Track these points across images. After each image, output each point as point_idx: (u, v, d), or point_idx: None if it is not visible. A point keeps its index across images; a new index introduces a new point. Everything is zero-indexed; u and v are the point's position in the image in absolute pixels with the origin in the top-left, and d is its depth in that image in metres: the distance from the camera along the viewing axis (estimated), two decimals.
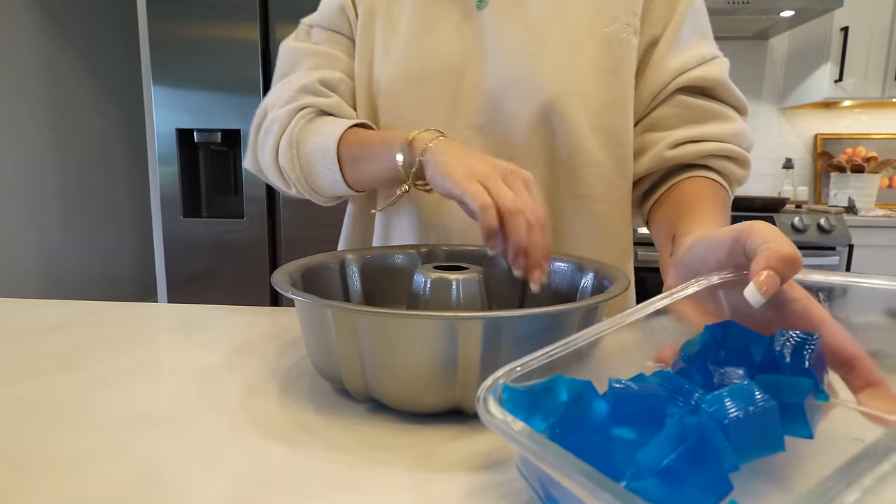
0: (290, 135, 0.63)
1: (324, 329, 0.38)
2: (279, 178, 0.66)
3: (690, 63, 0.61)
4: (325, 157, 0.61)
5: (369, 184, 0.62)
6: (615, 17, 0.61)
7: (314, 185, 0.64)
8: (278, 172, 0.66)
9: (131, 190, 3.31)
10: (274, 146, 0.65)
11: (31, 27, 2.55)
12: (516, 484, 0.31)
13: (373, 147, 0.59)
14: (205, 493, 0.30)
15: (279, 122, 0.64)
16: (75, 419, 0.38)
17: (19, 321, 0.61)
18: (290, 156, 0.63)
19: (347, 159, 0.60)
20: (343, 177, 0.61)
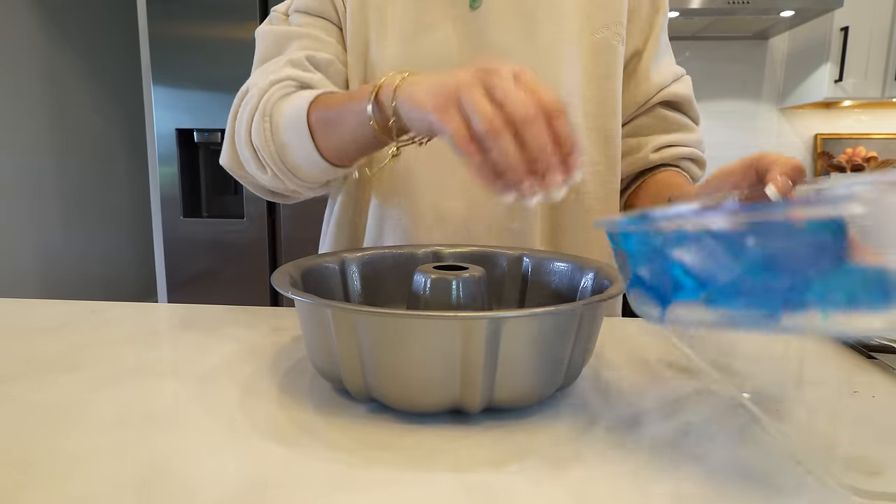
0: (263, 108, 0.57)
1: (324, 329, 0.38)
2: (254, 160, 0.59)
3: (668, 80, 0.71)
4: (296, 128, 0.54)
5: (347, 151, 0.54)
6: (605, 26, 0.66)
7: (289, 163, 0.57)
8: (252, 153, 0.59)
9: (131, 190, 3.31)
10: (248, 122, 0.58)
11: (31, 27, 2.55)
12: (516, 484, 0.31)
13: (341, 106, 0.52)
14: (205, 492, 0.30)
15: (256, 96, 0.58)
16: (75, 419, 0.38)
17: (19, 321, 0.61)
18: (263, 130, 0.56)
19: (319, 127, 0.54)
20: (317, 148, 0.54)
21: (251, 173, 0.62)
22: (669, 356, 0.52)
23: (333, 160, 0.55)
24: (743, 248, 0.28)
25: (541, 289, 0.55)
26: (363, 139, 0.50)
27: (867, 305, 0.25)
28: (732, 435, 0.37)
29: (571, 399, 0.42)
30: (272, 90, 0.58)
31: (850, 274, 0.25)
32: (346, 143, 0.52)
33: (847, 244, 0.25)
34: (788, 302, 0.27)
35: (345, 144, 0.53)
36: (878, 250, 0.24)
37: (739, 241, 0.28)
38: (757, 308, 0.28)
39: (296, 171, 0.57)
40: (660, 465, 0.33)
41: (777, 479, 0.32)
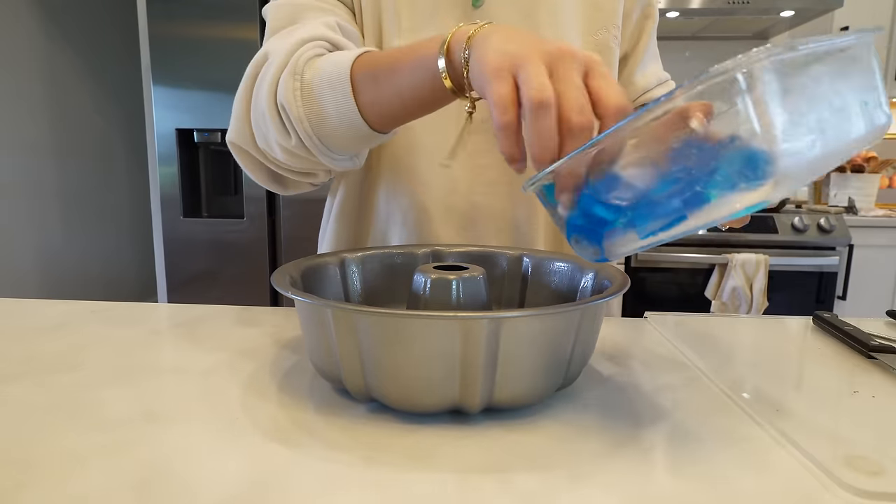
0: (294, 65, 0.52)
1: (324, 329, 0.38)
2: (277, 125, 0.53)
3: (651, 83, 0.73)
4: (336, 85, 0.49)
5: (396, 111, 0.49)
6: (604, 27, 0.67)
7: (320, 126, 0.51)
8: (276, 116, 0.53)
9: (131, 190, 3.31)
10: (272, 83, 0.53)
11: (31, 27, 2.55)
12: (516, 484, 0.31)
13: (395, 61, 0.48)
14: (205, 492, 0.30)
15: (282, 55, 0.53)
16: (75, 419, 0.38)
17: (19, 321, 0.61)
18: (293, 88, 0.51)
19: (365, 83, 0.49)
20: (358, 106, 0.49)
21: (263, 148, 0.56)
22: (669, 356, 0.52)
23: (374, 121, 0.50)
24: (633, 167, 0.31)
25: (541, 289, 0.55)
26: (422, 96, 0.46)
27: (744, 182, 0.28)
28: (732, 435, 0.37)
29: (571, 399, 0.42)
30: (304, 48, 0.53)
31: (723, 158, 0.28)
32: (399, 101, 0.48)
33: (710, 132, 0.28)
34: (688, 201, 0.30)
35: (397, 102, 0.48)
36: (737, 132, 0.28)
37: (627, 162, 0.32)
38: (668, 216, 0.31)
39: (326, 135, 0.52)
40: (659, 465, 0.33)
41: (777, 479, 0.32)
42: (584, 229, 0.36)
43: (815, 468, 0.33)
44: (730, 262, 1.90)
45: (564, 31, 0.65)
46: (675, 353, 0.53)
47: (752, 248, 1.95)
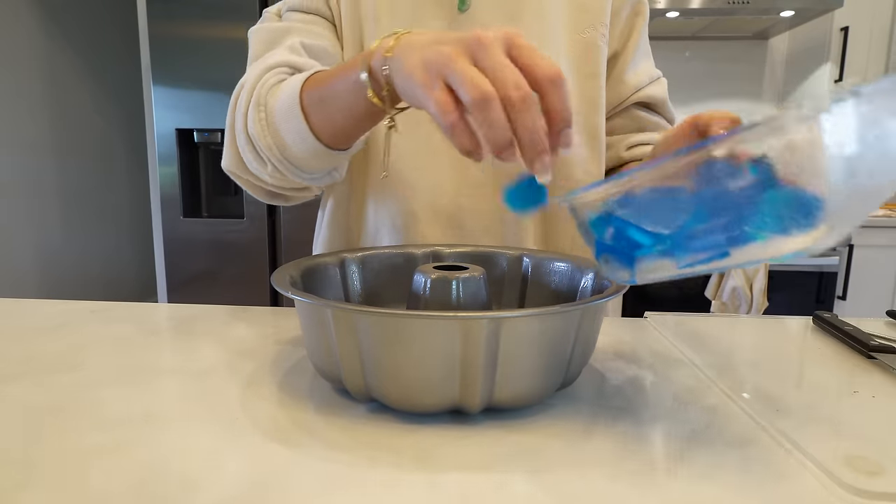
0: (258, 96, 0.54)
1: (324, 329, 0.38)
2: (253, 154, 0.56)
3: (644, 81, 0.73)
4: (290, 111, 0.51)
5: (342, 129, 0.51)
6: (591, 26, 0.68)
7: (287, 152, 0.54)
8: (251, 147, 0.56)
9: (131, 190, 3.31)
10: (244, 114, 0.56)
11: (31, 27, 2.55)
12: (516, 484, 0.31)
13: (332, 80, 0.49)
14: (205, 492, 0.30)
15: (249, 86, 0.56)
16: (75, 419, 0.38)
17: (19, 321, 0.61)
18: (258, 119, 0.54)
19: (312, 105, 0.51)
20: (311, 129, 0.51)
21: (253, 172, 0.59)
22: (669, 356, 0.52)
23: (329, 141, 0.52)
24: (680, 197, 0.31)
25: (541, 289, 0.55)
26: (358, 112, 0.47)
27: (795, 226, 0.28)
28: (732, 435, 0.37)
29: (571, 399, 0.42)
30: (266, 77, 0.55)
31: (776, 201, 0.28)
32: (342, 118, 0.49)
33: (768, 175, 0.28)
34: (732, 238, 0.30)
35: (341, 120, 0.50)
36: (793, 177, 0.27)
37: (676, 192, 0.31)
38: (708, 250, 0.31)
39: (294, 160, 0.54)
40: (660, 465, 0.33)
41: (778, 479, 0.32)
42: (616, 250, 0.35)
43: (814, 468, 0.33)
44: None
45: (550, 31, 0.66)
46: (675, 353, 0.53)
47: None
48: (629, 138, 0.74)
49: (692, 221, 0.31)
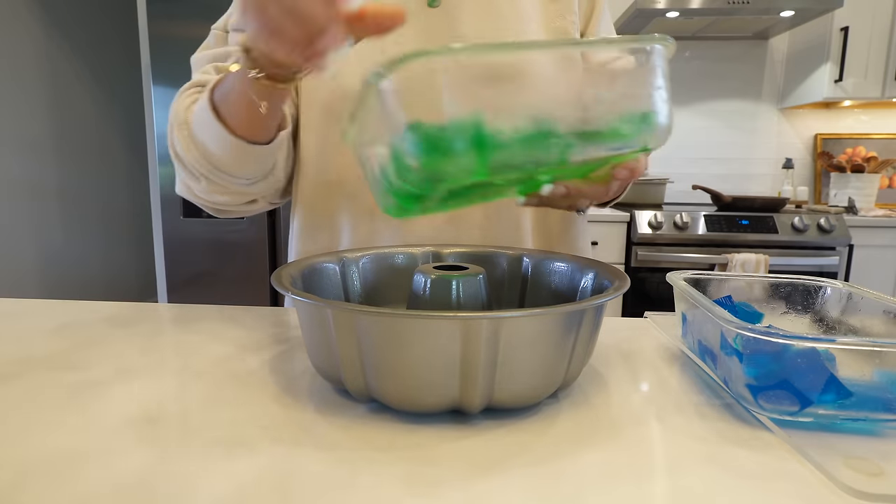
0: (176, 116, 0.57)
1: (324, 329, 0.38)
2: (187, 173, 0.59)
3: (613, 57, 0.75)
4: (205, 118, 0.54)
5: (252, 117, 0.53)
6: (561, 14, 0.69)
7: (213, 160, 0.56)
8: (183, 166, 0.59)
9: (131, 190, 3.31)
10: (170, 138, 0.58)
11: (31, 27, 2.55)
12: (516, 484, 0.31)
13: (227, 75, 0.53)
14: (204, 493, 0.30)
15: (170, 114, 0.59)
16: (75, 419, 0.38)
17: (19, 321, 0.61)
18: (183, 138, 0.56)
19: (221, 105, 0.53)
20: (226, 127, 0.53)
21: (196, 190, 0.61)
22: (670, 356, 0.52)
23: (247, 134, 0.54)
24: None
25: (541, 289, 0.55)
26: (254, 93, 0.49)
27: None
28: (732, 436, 0.37)
29: (571, 399, 0.42)
30: (181, 99, 0.59)
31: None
32: (246, 107, 0.51)
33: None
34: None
35: (245, 110, 0.51)
36: None
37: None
38: (881, 411, 0.37)
39: (223, 166, 0.56)
40: (660, 465, 0.33)
41: (777, 480, 0.32)
42: (791, 389, 0.38)
43: (814, 469, 0.33)
44: (730, 262, 1.90)
45: (526, 23, 0.67)
46: (676, 353, 0.53)
47: (752, 248, 1.96)
48: None
49: (873, 388, 0.37)
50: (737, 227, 1.97)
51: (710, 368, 0.47)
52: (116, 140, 3.17)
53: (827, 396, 0.37)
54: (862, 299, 0.48)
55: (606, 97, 0.37)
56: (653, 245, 1.96)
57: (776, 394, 0.38)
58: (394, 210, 0.39)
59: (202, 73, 0.63)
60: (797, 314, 0.52)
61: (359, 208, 0.67)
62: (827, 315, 0.51)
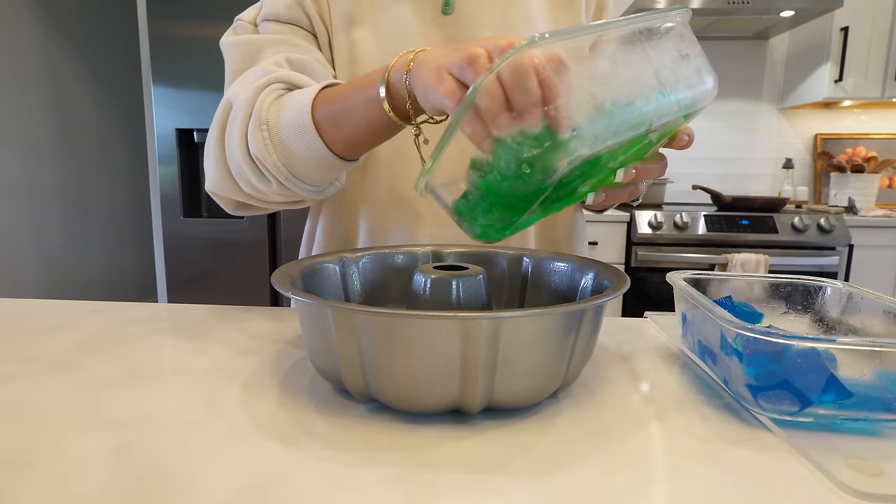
0: (257, 115, 0.54)
1: (324, 329, 0.38)
2: (255, 174, 0.56)
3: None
4: (301, 128, 0.52)
5: (359, 141, 0.52)
6: (569, 21, 0.70)
7: (295, 167, 0.54)
8: (253, 166, 0.56)
9: (131, 190, 3.31)
10: (241, 135, 0.55)
11: (31, 27, 2.55)
12: (516, 484, 0.31)
13: (349, 96, 0.51)
14: (205, 493, 0.30)
15: (243, 107, 0.55)
16: (75, 419, 0.38)
17: (19, 321, 0.61)
18: (262, 139, 0.54)
19: (326, 121, 0.52)
20: (326, 144, 0.52)
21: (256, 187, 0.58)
22: (670, 356, 0.52)
23: (344, 154, 0.53)
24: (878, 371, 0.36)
25: (541, 289, 0.55)
26: (378, 125, 0.49)
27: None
28: (733, 436, 0.37)
29: (571, 399, 0.42)
30: (262, 96, 0.55)
31: None
32: (361, 132, 0.51)
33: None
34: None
35: (359, 134, 0.51)
36: None
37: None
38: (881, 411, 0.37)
39: (303, 174, 0.55)
40: (660, 465, 0.33)
41: (777, 480, 0.32)
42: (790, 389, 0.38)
43: (815, 470, 0.33)
44: (730, 262, 1.90)
45: (536, 30, 0.68)
46: (676, 353, 0.53)
47: (752, 248, 1.95)
48: None
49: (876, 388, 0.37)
50: (737, 227, 1.97)
51: (710, 368, 0.47)
52: (117, 140, 3.17)
53: (827, 396, 0.37)
54: (862, 299, 0.48)
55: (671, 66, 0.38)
56: (653, 245, 1.96)
57: (776, 394, 0.38)
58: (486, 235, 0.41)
59: (275, 66, 0.59)
60: (797, 314, 0.52)
61: (375, 208, 0.68)
62: (827, 315, 0.51)
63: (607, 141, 0.34)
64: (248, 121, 0.55)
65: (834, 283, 0.51)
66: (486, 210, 0.38)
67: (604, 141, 0.33)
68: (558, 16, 0.70)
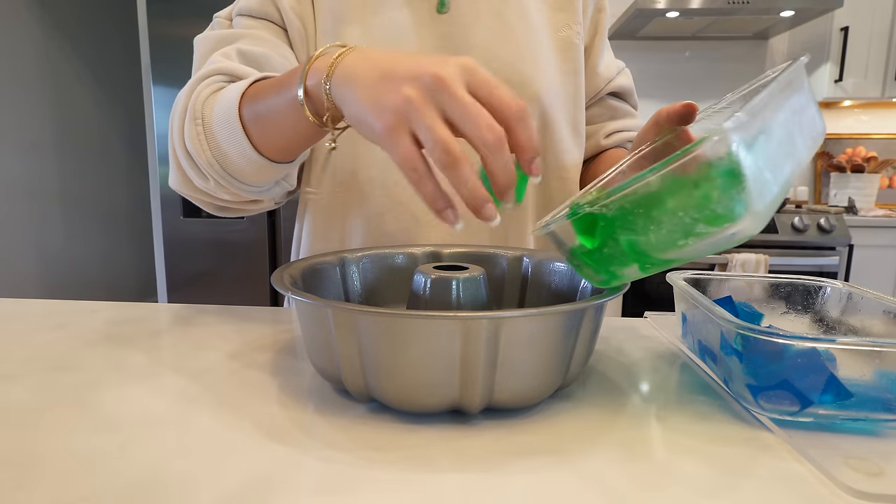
0: (193, 108, 0.51)
1: (324, 329, 0.38)
2: (193, 169, 0.53)
3: (613, 73, 0.77)
4: (228, 126, 0.48)
5: (285, 146, 0.49)
6: (567, 24, 0.70)
7: (229, 167, 0.51)
8: (190, 161, 0.52)
9: (131, 190, 3.31)
10: (179, 128, 0.52)
11: (31, 27, 2.55)
12: (516, 484, 0.31)
13: (270, 94, 0.46)
14: (205, 493, 0.30)
15: (182, 98, 0.52)
16: (75, 419, 0.38)
17: (19, 321, 0.61)
18: (196, 133, 0.50)
19: (251, 121, 0.48)
20: (252, 145, 0.48)
21: (199, 188, 0.56)
22: (670, 356, 0.52)
23: (272, 155, 0.50)
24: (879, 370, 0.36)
25: (541, 289, 0.55)
26: (299, 129, 0.45)
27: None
28: (733, 436, 0.37)
29: (572, 399, 0.42)
30: (199, 88, 0.52)
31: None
32: (282, 135, 0.47)
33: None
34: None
35: (281, 138, 0.47)
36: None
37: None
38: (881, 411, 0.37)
39: (238, 174, 0.51)
40: (660, 465, 0.33)
41: (777, 480, 0.32)
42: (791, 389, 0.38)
43: (814, 469, 0.33)
44: (730, 262, 1.90)
45: (534, 32, 0.68)
46: (676, 353, 0.53)
47: (752, 248, 1.96)
48: (606, 126, 0.78)
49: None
50: None
51: (710, 368, 0.47)
52: (117, 140, 3.17)
53: (827, 396, 0.37)
54: (862, 299, 0.48)
55: (801, 122, 0.39)
56: None
57: (776, 394, 0.38)
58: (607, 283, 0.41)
59: (223, 58, 0.57)
60: (797, 314, 0.52)
61: (370, 210, 0.67)
62: (827, 315, 0.51)
63: (768, 215, 0.34)
64: (185, 113, 0.52)
65: (834, 283, 0.51)
66: (621, 263, 0.38)
67: (766, 217, 0.33)
68: (556, 17, 0.70)
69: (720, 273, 0.56)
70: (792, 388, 0.37)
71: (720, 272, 0.60)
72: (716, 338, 0.43)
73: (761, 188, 0.32)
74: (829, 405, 0.37)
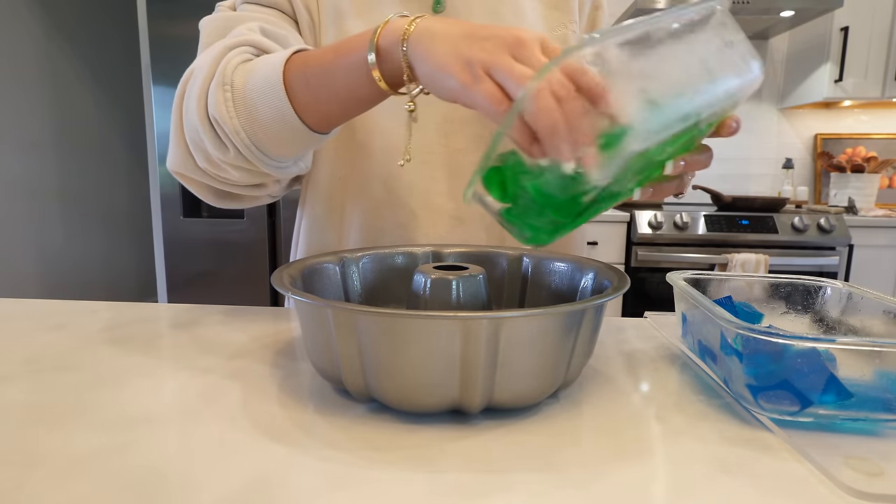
0: (222, 74, 0.50)
1: (324, 329, 0.38)
2: (212, 138, 0.51)
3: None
4: (268, 90, 0.48)
5: (334, 112, 0.49)
6: (562, 24, 0.69)
7: (257, 135, 0.50)
8: (210, 129, 0.51)
9: (131, 190, 3.31)
10: (200, 96, 0.51)
11: (31, 27, 2.55)
12: (516, 484, 0.31)
13: (327, 60, 0.47)
14: (205, 492, 0.30)
15: (207, 65, 0.51)
16: (75, 419, 0.38)
17: (19, 321, 0.61)
18: (224, 99, 0.49)
19: (299, 87, 0.47)
20: (296, 111, 0.48)
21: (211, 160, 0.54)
22: (670, 356, 0.52)
23: (314, 124, 0.49)
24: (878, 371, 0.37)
25: (541, 289, 0.55)
26: (360, 94, 0.46)
27: None
28: (733, 436, 0.37)
29: (571, 399, 0.42)
30: (230, 55, 0.51)
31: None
32: (339, 101, 0.47)
33: None
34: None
35: (336, 104, 0.47)
36: None
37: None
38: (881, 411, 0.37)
39: (265, 144, 0.51)
40: (660, 465, 0.33)
41: (777, 480, 0.32)
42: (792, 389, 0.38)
43: (815, 470, 0.33)
44: (730, 262, 1.90)
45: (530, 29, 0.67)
46: (676, 353, 0.53)
47: (752, 248, 1.96)
48: None
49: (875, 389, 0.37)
50: (737, 227, 1.97)
51: (710, 368, 0.47)
52: (116, 140, 3.17)
53: (827, 397, 0.37)
54: (862, 299, 0.48)
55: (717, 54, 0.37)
56: (653, 245, 1.96)
57: (776, 394, 0.38)
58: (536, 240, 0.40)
59: (247, 30, 0.56)
60: (797, 314, 0.52)
61: (368, 205, 0.67)
62: (827, 315, 0.51)
63: (660, 134, 0.33)
64: (209, 80, 0.51)
65: (834, 283, 0.51)
66: (538, 213, 0.38)
67: (656, 135, 0.33)
68: (551, 15, 0.69)
69: (720, 273, 0.56)
70: (792, 388, 0.37)
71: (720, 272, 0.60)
72: (716, 338, 0.43)
73: (636, 105, 0.32)
74: (829, 405, 0.37)
